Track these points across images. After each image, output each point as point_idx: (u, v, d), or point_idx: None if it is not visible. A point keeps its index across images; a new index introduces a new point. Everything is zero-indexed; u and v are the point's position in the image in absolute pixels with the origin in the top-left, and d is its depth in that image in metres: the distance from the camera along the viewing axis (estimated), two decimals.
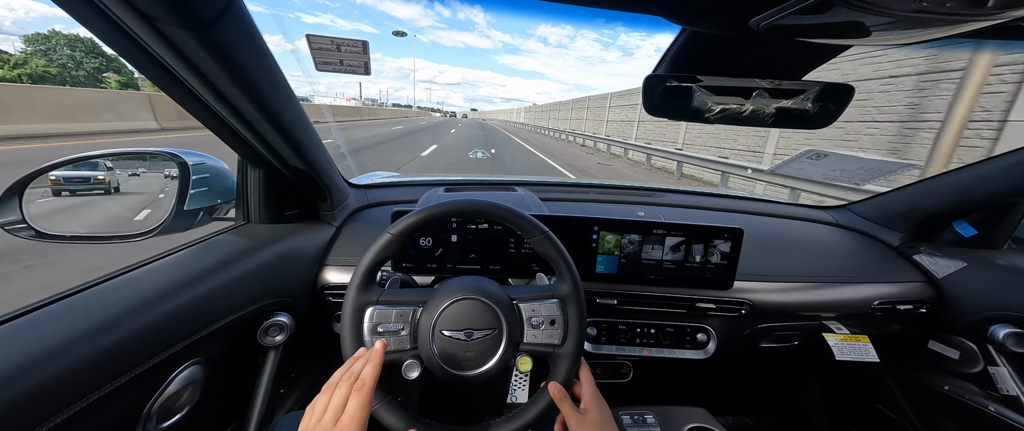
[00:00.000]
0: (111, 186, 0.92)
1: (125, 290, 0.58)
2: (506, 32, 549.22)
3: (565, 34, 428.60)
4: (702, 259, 0.95)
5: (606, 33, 23.74)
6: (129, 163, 0.95)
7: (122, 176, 0.94)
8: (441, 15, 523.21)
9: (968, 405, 1.02)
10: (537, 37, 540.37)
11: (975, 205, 1.08)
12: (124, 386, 0.50)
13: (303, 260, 0.88)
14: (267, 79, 0.59)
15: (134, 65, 0.48)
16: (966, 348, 1.04)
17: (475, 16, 35.65)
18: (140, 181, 0.95)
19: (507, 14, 1.41)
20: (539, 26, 57.93)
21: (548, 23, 0.54)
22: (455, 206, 0.65)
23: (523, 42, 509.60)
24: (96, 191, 0.88)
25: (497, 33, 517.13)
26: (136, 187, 0.94)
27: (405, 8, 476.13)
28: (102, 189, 0.90)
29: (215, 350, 0.67)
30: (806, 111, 0.58)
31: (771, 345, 1.10)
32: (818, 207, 1.42)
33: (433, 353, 0.60)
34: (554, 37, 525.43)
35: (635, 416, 0.89)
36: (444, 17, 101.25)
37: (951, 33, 0.40)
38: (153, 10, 0.40)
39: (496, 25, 76.94)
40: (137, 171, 0.97)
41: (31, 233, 0.71)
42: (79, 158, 0.76)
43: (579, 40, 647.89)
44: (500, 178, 1.46)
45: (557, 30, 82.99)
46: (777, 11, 0.39)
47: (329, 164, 0.92)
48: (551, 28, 48.11)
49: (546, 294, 0.65)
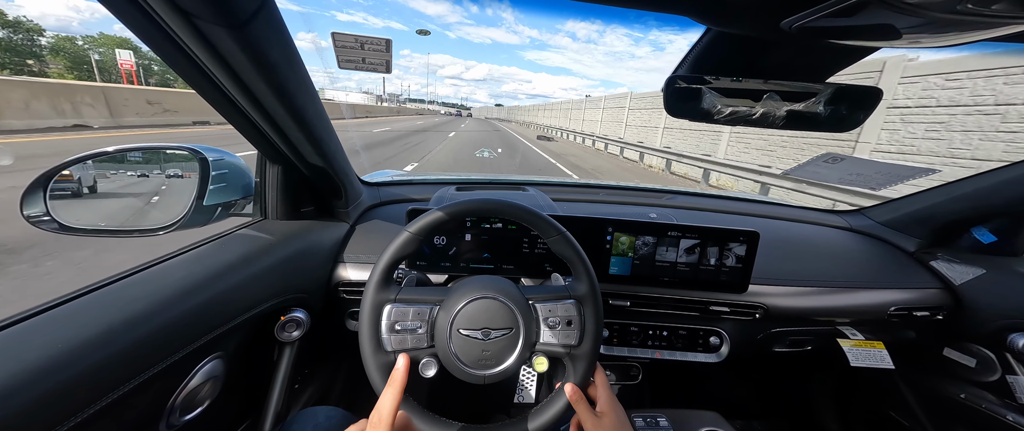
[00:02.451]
0: (82, 187, 0.78)
1: (152, 284, 0.59)
2: (534, 27, 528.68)
3: (594, 29, 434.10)
4: (717, 262, 0.94)
5: (636, 27, 23.13)
6: (139, 160, 0.88)
7: (98, 174, 0.80)
8: (469, 11, 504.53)
9: (985, 414, 1.00)
10: (565, 32, 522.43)
11: (995, 211, 1.07)
12: (151, 379, 0.50)
13: (319, 257, 0.89)
14: (294, 77, 0.59)
15: (168, 62, 0.49)
16: (984, 356, 1.03)
17: (504, 12, 35.40)
18: (114, 182, 0.83)
19: (533, 11, 1.40)
20: (567, 22, 56.73)
21: (576, 19, 0.54)
22: (473, 205, 0.65)
23: (551, 37, 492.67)
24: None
25: (524, 29, 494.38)
26: (112, 187, 0.83)
27: (434, 5, 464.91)
28: (68, 189, 0.75)
29: (235, 345, 0.68)
30: (829, 114, 0.57)
31: (784, 350, 1.09)
32: (833, 211, 1.41)
33: (450, 352, 0.60)
34: (583, 32, 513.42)
35: (648, 418, 0.88)
36: (472, 13, 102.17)
37: (988, 36, 0.39)
38: (193, 7, 0.41)
39: (524, 21, 77.38)
40: (117, 171, 0.84)
41: (55, 226, 0.72)
42: (99, 153, 0.77)
43: (608, 35, 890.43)
44: (511, 178, 1.46)
45: (586, 25, 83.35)
46: (810, 12, 0.39)
47: (345, 161, 0.93)
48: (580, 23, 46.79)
49: (563, 294, 0.65)
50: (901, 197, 1.26)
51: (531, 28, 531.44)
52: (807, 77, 0.56)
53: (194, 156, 0.82)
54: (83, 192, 0.79)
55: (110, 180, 0.83)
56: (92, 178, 0.81)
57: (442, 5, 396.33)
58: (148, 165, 0.86)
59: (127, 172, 0.86)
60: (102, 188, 0.82)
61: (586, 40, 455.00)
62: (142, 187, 0.87)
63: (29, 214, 0.70)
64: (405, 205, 1.11)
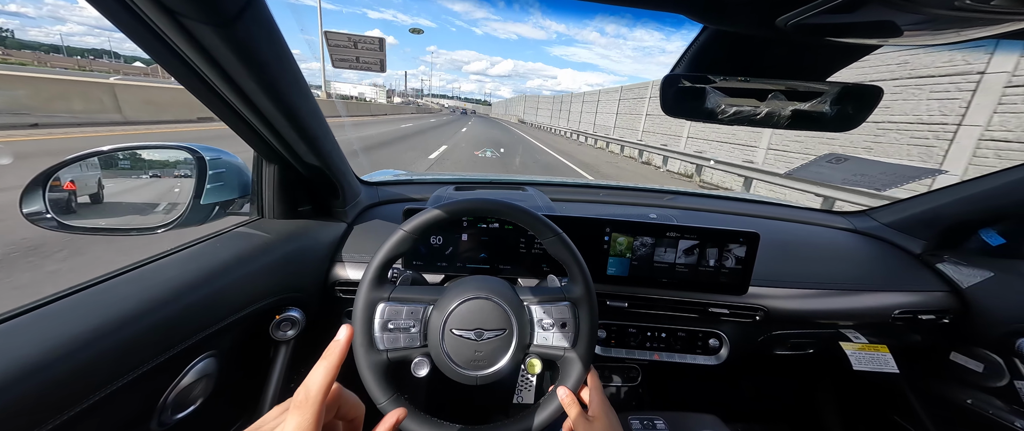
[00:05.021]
0: (74, 200, 0.74)
1: (145, 282, 0.59)
2: (561, 22, 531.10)
3: (624, 23, 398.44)
4: (716, 263, 0.93)
5: (668, 21, 22.78)
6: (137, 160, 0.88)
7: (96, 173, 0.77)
8: (496, 5, 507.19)
9: (992, 420, 0.98)
10: (594, 27, 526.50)
11: (1004, 213, 1.04)
12: (142, 377, 0.50)
13: (316, 256, 0.89)
14: (286, 75, 0.59)
15: (157, 59, 0.48)
16: (991, 361, 1.00)
17: (531, 7, 34.56)
18: (113, 181, 0.78)
19: (531, 9, 1.37)
20: (595, 17, 52.93)
21: (575, 16, 0.53)
22: (469, 204, 0.65)
23: (578, 32, 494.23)
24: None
25: (551, 24, 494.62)
26: (110, 186, 0.78)
27: (461, 3, 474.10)
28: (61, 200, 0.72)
29: (229, 343, 0.68)
30: (831, 113, 0.56)
31: (785, 352, 1.08)
32: (837, 213, 1.39)
33: (443, 352, 0.60)
34: (612, 28, 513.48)
35: (645, 421, 0.88)
36: (499, 8, 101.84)
37: (989, 33, 0.38)
38: (176, 5, 0.41)
39: (551, 15, 73.87)
40: (115, 169, 0.82)
41: (53, 224, 0.72)
42: (97, 152, 0.78)
43: (639, 29, 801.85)
44: (510, 178, 1.46)
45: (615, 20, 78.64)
46: (806, 9, 0.38)
47: (342, 161, 0.92)
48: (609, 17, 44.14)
49: (558, 296, 0.64)
50: (907, 198, 1.23)
51: (558, 23, 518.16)
52: (806, 75, 0.55)
53: (192, 155, 0.82)
54: (73, 206, 0.76)
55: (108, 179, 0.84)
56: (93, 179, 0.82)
57: (468, 3, 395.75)
58: (146, 164, 0.87)
59: (125, 171, 0.86)
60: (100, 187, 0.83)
61: (615, 35, 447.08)
62: (140, 186, 0.87)
63: (28, 212, 0.71)
64: (404, 204, 1.11)
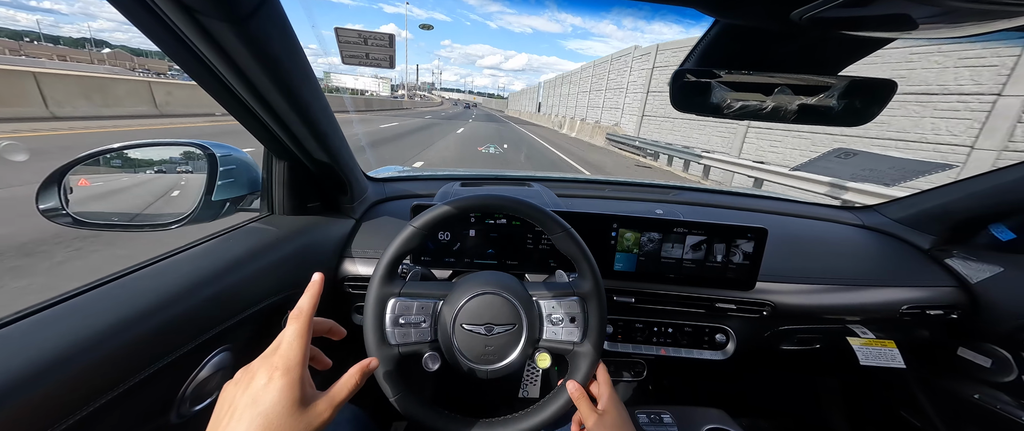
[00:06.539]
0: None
1: (162, 278, 0.60)
2: (577, 15, 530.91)
3: (642, 16, 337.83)
4: (724, 259, 0.93)
5: (688, 14, 22.23)
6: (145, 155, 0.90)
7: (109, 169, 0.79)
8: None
9: (1000, 415, 0.98)
10: (611, 19, 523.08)
11: (1014, 208, 1.03)
12: (161, 370, 0.51)
13: (325, 251, 0.90)
14: (298, 72, 0.59)
15: (172, 57, 0.49)
16: (999, 356, 1.00)
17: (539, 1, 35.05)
18: (125, 178, 0.80)
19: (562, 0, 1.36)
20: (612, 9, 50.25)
21: (619, 6, 0.53)
22: (478, 200, 0.65)
23: (594, 25, 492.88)
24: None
25: (567, 16, 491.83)
26: (123, 182, 0.80)
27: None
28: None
29: (243, 337, 0.69)
30: (842, 107, 0.56)
31: (792, 348, 1.08)
32: (845, 208, 1.38)
33: (453, 346, 0.60)
34: (629, 20, 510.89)
35: (652, 415, 0.88)
36: (514, 1, 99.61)
37: (1010, 25, 0.37)
38: (195, 2, 0.41)
39: (567, 7, 72.52)
40: (128, 166, 0.84)
41: (69, 220, 0.74)
42: (110, 149, 0.79)
43: (656, 22, 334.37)
44: (516, 173, 1.46)
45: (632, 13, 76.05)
46: (822, 2, 0.38)
47: (350, 157, 0.93)
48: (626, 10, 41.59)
49: (566, 291, 0.65)
50: (916, 193, 1.23)
51: (573, 15, 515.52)
52: (818, 70, 0.54)
53: (202, 152, 0.83)
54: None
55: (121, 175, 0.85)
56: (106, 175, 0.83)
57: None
58: (157, 161, 0.88)
59: (136, 167, 0.87)
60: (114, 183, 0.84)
61: (632, 28, 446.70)
62: (152, 182, 0.88)
63: (44, 208, 0.72)
64: (411, 201, 1.12)
